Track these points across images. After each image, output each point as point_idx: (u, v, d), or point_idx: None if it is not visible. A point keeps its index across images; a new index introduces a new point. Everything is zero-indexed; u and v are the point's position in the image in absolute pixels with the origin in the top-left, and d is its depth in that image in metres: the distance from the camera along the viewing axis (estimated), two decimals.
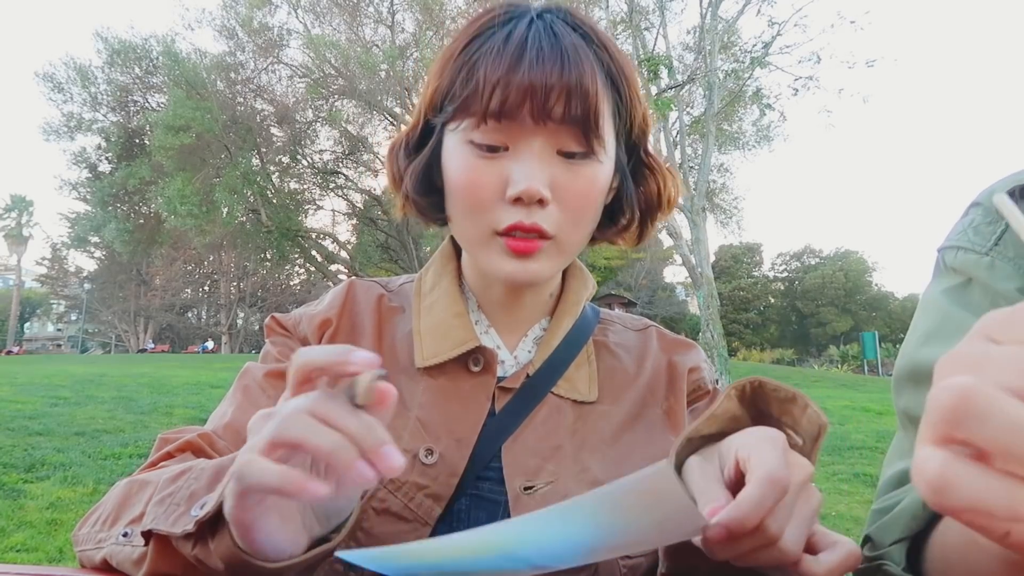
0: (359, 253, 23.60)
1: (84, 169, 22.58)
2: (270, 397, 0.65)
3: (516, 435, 0.63)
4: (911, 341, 0.60)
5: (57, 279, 46.26)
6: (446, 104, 0.61)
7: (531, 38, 0.58)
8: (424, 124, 0.66)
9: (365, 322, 0.70)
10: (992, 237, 0.57)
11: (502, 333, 0.70)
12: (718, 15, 11.98)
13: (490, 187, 0.59)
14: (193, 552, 0.44)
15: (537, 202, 0.58)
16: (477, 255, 0.63)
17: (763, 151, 18.27)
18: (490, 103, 0.56)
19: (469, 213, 0.61)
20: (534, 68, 0.56)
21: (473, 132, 0.59)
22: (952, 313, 0.57)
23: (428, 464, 0.61)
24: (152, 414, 7.70)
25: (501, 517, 0.61)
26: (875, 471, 5.81)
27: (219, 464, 0.50)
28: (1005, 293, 0.55)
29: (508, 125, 0.58)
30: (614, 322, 0.76)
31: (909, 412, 0.59)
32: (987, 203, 0.60)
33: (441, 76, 0.62)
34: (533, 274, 0.61)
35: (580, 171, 0.60)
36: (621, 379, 0.70)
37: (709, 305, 9.75)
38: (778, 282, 51.29)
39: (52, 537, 3.77)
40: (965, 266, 0.59)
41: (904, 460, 0.59)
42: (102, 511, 0.57)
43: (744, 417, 0.50)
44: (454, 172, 0.61)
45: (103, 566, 0.53)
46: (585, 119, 0.57)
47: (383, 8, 19.14)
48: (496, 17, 0.61)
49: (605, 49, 0.61)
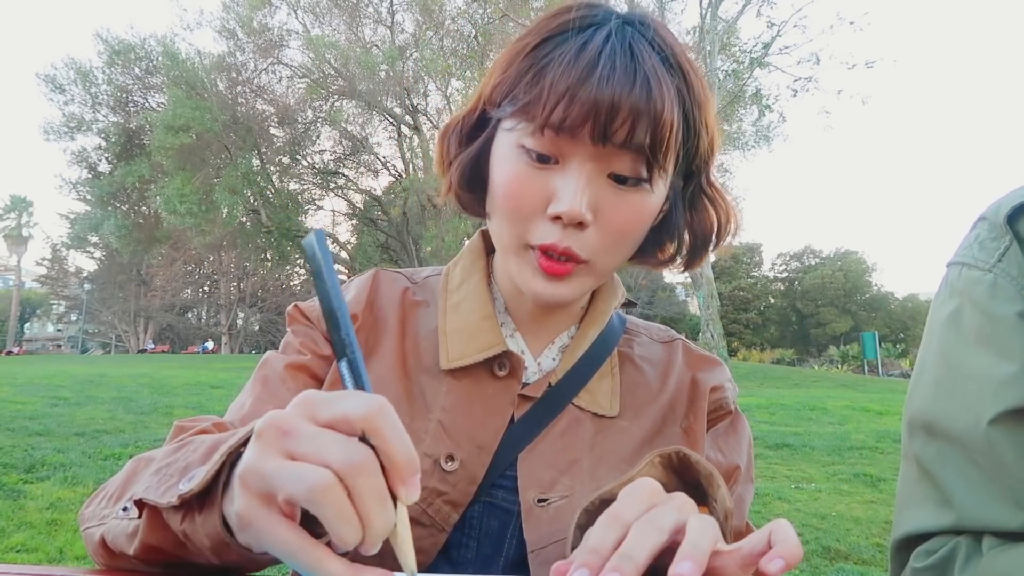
0: (359, 253, 23.59)
1: (84, 169, 22.59)
2: (290, 389, 0.63)
3: (533, 445, 0.62)
4: (923, 381, 0.61)
5: (57, 279, 46.25)
6: (506, 102, 0.58)
7: (606, 53, 0.54)
8: (480, 113, 0.63)
9: (389, 317, 0.68)
10: (996, 253, 0.57)
11: (528, 338, 0.68)
12: (718, 15, 11.98)
13: (533, 198, 0.57)
14: (181, 527, 0.43)
15: (577, 224, 0.56)
16: (509, 263, 0.61)
17: (763, 151, 18.26)
18: (551, 115, 0.53)
19: (508, 220, 0.59)
20: (604, 86, 0.52)
21: (527, 138, 0.56)
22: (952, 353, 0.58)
23: (448, 471, 0.60)
24: (152, 414, 7.69)
25: (513, 527, 0.60)
26: (875, 471, 5.81)
27: (217, 439, 0.48)
28: (1003, 317, 0.55)
29: (565, 139, 0.55)
30: (640, 333, 0.74)
31: (920, 460, 0.59)
32: (993, 218, 0.59)
33: (506, 71, 0.58)
34: (561, 297, 0.59)
35: (628, 197, 0.57)
36: (643, 394, 0.68)
37: (709, 305, 9.75)
38: (778, 282, 51.27)
39: (52, 537, 3.77)
40: (967, 285, 0.59)
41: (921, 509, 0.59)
42: (108, 489, 0.55)
43: (671, 484, 0.49)
44: (501, 175, 0.59)
45: (100, 545, 0.51)
46: (651, 147, 0.54)
47: (383, 8, 19.15)
48: (573, 21, 0.57)
49: (683, 74, 0.57)
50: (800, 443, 6.94)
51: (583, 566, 0.36)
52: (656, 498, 0.40)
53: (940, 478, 0.57)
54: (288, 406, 0.37)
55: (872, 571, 3.59)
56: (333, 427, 0.35)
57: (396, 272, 0.74)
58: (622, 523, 0.38)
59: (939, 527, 0.56)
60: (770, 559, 0.35)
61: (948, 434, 0.56)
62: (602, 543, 0.37)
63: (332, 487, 0.32)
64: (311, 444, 0.34)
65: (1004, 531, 0.52)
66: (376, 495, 0.34)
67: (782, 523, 0.37)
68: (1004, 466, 0.52)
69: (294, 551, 0.34)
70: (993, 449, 0.53)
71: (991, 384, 0.54)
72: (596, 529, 0.38)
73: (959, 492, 0.55)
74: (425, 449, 0.61)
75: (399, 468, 0.34)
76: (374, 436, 0.34)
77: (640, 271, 6.51)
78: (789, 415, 9.27)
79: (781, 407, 9.94)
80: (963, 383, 0.56)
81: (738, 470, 0.67)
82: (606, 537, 0.37)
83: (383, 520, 0.34)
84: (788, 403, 10.36)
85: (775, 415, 9.28)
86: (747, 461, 0.69)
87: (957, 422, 0.56)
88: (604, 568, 0.35)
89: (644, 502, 0.40)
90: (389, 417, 0.35)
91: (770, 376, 19.86)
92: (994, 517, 0.53)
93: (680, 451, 0.49)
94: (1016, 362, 0.54)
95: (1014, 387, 0.53)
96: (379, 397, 0.36)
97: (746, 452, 0.69)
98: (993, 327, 0.56)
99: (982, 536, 0.53)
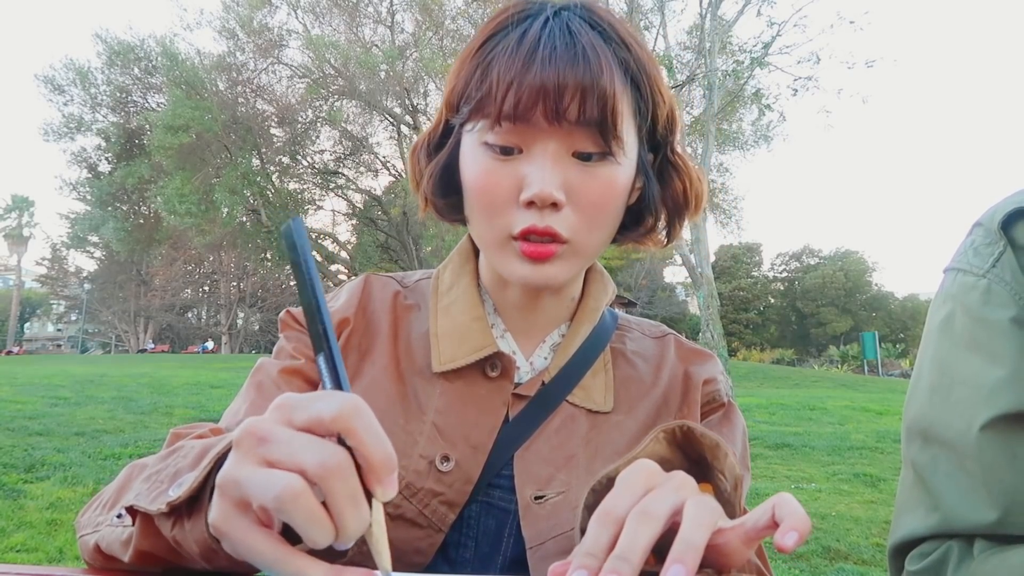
0: (359, 253, 23.60)
1: (84, 169, 22.60)
2: None
3: (529, 444, 0.62)
4: (920, 387, 0.62)
5: (57, 279, 46.23)
6: (462, 105, 0.60)
7: (545, 37, 0.56)
8: (444, 124, 0.65)
9: (381, 321, 0.69)
10: (990, 259, 0.58)
11: (518, 338, 0.68)
12: (718, 15, 11.97)
13: (504, 190, 0.58)
14: (172, 533, 0.43)
15: (551, 205, 0.57)
16: (493, 258, 0.62)
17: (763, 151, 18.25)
18: (503, 105, 0.55)
19: (484, 216, 0.60)
20: (546, 68, 0.54)
21: (487, 134, 0.58)
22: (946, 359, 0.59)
23: (444, 471, 0.60)
24: (152, 414, 7.69)
25: (511, 525, 0.60)
26: (875, 471, 5.81)
27: (206, 445, 0.48)
28: (995, 323, 0.56)
29: (522, 127, 0.56)
30: (632, 328, 0.75)
31: (916, 466, 0.60)
32: (988, 224, 0.60)
33: (458, 77, 0.61)
34: (548, 278, 0.60)
35: (596, 173, 0.58)
36: (637, 389, 0.68)
37: (709, 305, 9.75)
38: (778, 282, 51.27)
39: (52, 537, 3.77)
40: (961, 291, 0.60)
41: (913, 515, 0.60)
42: (103, 496, 0.56)
43: (676, 460, 0.49)
44: (470, 174, 0.61)
45: (96, 551, 0.52)
46: (602, 120, 0.55)
47: (383, 8, 19.15)
48: (511, 16, 0.59)
49: (625, 46, 0.58)
50: (800, 443, 6.94)
51: (581, 568, 0.36)
52: (653, 480, 0.40)
53: (931, 484, 0.57)
54: (267, 411, 0.37)
55: (872, 571, 3.59)
56: (309, 430, 0.35)
57: (387, 276, 0.74)
58: (614, 519, 0.37)
59: (928, 531, 0.57)
60: (784, 533, 0.34)
61: (942, 440, 0.57)
62: (596, 543, 0.37)
63: (300, 493, 0.32)
64: (286, 449, 0.34)
65: (986, 533, 0.53)
66: (349, 497, 0.34)
67: (785, 496, 0.37)
68: (992, 470, 0.53)
69: (270, 561, 0.34)
70: (983, 454, 0.54)
71: (983, 390, 0.55)
72: (590, 528, 0.38)
73: (947, 496, 0.56)
74: (420, 451, 0.61)
75: (374, 467, 0.35)
76: (349, 436, 0.34)
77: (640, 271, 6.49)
78: (789, 415, 9.28)
79: (781, 407, 9.95)
80: (956, 389, 0.57)
81: None
82: (600, 537, 0.37)
83: (356, 522, 0.34)
84: (788, 403, 10.36)
85: (775, 415, 9.28)
86: (741, 449, 0.69)
87: (951, 428, 0.56)
88: (601, 571, 0.35)
89: (639, 488, 0.39)
90: (363, 416, 0.35)
91: (770, 376, 19.87)
92: (978, 519, 0.53)
93: (684, 425, 0.49)
94: (1007, 367, 0.54)
95: (1005, 392, 0.54)
96: (353, 397, 0.36)
97: (740, 441, 0.69)
98: (985, 332, 0.56)
99: (974, 540, 0.53)
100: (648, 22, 13.25)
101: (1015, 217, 0.57)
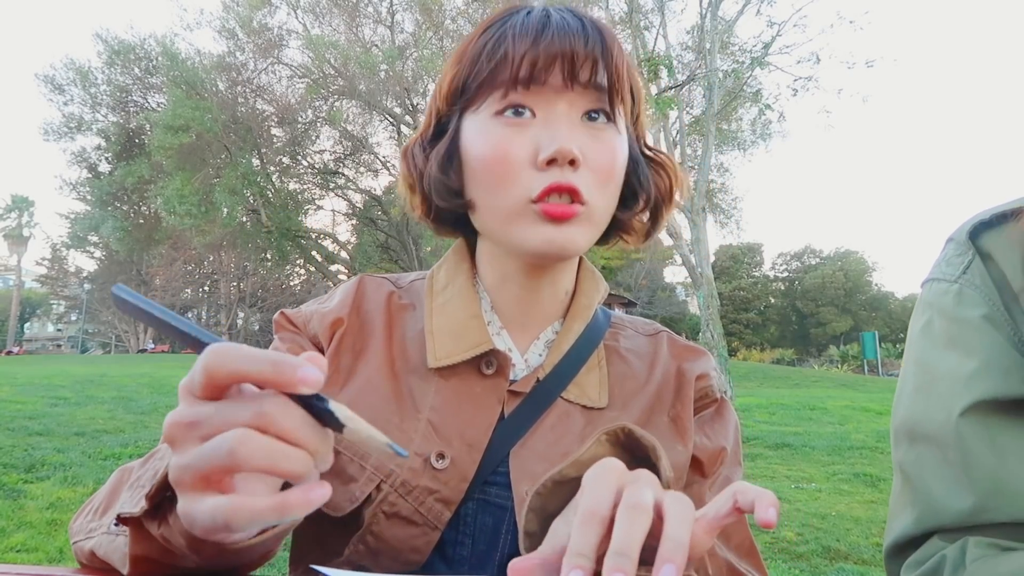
0: (359, 253, 23.60)
1: (84, 169, 22.59)
2: None
3: (524, 440, 0.63)
4: (905, 391, 0.65)
5: (57, 279, 46.26)
6: (470, 82, 0.61)
7: (553, 13, 0.61)
8: (437, 123, 0.66)
9: (375, 321, 0.69)
10: (961, 267, 0.63)
11: (514, 335, 0.69)
12: (718, 15, 11.97)
13: (520, 154, 0.59)
14: (159, 531, 0.43)
15: (570, 163, 0.58)
16: (510, 231, 0.61)
17: (762, 151, 18.22)
18: (519, 70, 0.58)
19: (500, 185, 0.60)
20: (561, 35, 0.58)
21: (498, 103, 0.60)
22: (926, 359, 0.63)
23: (439, 469, 0.60)
24: (152, 414, 7.70)
25: (508, 522, 0.61)
26: (875, 471, 5.81)
27: None
28: (969, 320, 0.60)
29: (536, 92, 0.59)
30: (625, 326, 0.75)
31: (902, 467, 0.63)
32: (958, 236, 0.65)
33: (460, 64, 0.63)
34: (568, 240, 0.59)
35: (603, 136, 0.61)
36: (631, 385, 0.69)
37: (709, 305, 9.74)
38: (778, 282, 51.29)
39: (52, 537, 3.77)
40: (936, 297, 0.64)
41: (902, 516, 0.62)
42: (94, 502, 0.57)
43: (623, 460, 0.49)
44: (480, 149, 0.60)
45: (92, 557, 0.53)
46: (611, 84, 0.60)
47: (383, 8, 19.13)
48: (507, 10, 0.63)
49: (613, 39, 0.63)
50: (800, 443, 6.94)
51: (576, 568, 0.35)
52: (623, 478, 0.40)
53: (917, 481, 0.60)
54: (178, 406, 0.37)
55: (872, 571, 3.59)
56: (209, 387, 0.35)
57: (381, 277, 0.74)
58: (600, 518, 0.37)
59: (916, 527, 0.59)
60: (764, 509, 0.35)
61: (925, 434, 0.60)
62: (586, 544, 0.36)
63: (247, 436, 0.33)
64: (217, 419, 0.34)
65: (969, 524, 0.55)
66: (300, 420, 0.34)
67: (743, 484, 0.38)
68: (972, 455, 0.55)
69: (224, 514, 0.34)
70: (963, 441, 0.56)
71: (960, 380, 0.58)
72: (575, 530, 0.37)
73: (931, 490, 0.58)
74: (415, 448, 0.61)
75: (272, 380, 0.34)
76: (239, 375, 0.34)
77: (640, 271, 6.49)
78: (789, 415, 9.28)
79: (781, 407, 9.96)
80: (936, 385, 0.61)
81: (724, 452, 0.68)
82: (588, 537, 0.36)
83: (319, 437, 0.35)
84: (788, 403, 10.37)
85: (775, 415, 9.29)
86: (733, 444, 0.69)
87: (933, 421, 0.59)
88: (604, 570, 0.34)
89: (612, 488, 0.39)
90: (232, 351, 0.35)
91: (770, 376, 19.88)
92: (960, 507, 0.55)
93: (625, 427, 0.49)
94: (981, 358, 0.58)
95: (980, 380, 0.57)
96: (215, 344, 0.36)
97: (732, 436, 0.70)
98: (960, 329, 0.60)
99: (966, 548, 0.54)
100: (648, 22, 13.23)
101: (980, 228, 0.62)
